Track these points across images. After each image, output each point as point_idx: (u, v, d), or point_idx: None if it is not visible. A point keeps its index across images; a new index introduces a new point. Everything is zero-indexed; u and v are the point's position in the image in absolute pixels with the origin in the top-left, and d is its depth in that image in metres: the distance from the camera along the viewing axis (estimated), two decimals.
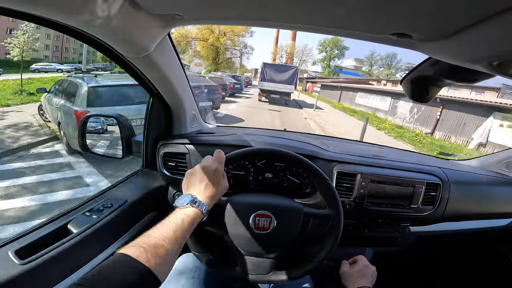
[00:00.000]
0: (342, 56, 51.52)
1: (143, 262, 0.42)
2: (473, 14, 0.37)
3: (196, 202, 0.58)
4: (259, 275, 0.74)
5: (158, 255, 0.44)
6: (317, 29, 0.57)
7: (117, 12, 0.52)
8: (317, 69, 56.77)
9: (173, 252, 0.48)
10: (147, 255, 0.43)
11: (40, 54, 35.54)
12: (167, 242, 0.47)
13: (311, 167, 0.79)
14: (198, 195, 0.61)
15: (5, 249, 0.65)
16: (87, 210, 0.85)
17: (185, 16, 0.58)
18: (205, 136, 1.12)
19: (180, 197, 0.60)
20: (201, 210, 0.58)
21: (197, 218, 0.57)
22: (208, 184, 0.63)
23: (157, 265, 0.43)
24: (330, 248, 0.76)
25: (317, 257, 0.77)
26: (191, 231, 0.55)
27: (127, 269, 0.40)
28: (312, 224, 0.78)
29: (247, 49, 43.40)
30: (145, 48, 0.68)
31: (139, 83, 0.90)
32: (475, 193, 1.14)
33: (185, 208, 0.57)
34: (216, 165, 0.66)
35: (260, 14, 0.54)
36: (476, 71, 0.56)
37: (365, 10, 0.46)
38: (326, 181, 0.78)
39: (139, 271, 0.41)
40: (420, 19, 0.45)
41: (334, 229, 0.77)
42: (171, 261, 0.48)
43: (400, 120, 13.32)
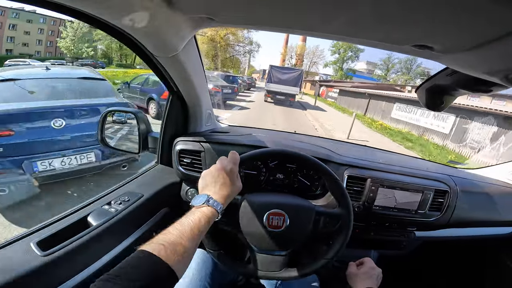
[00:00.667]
0: (356, 59, 48.85)
1: (163, 258, 0.44)
2: (495, 29, 0.39)
3: (212, 201, 0.61)
4: (271, 272, 0.77)
5: (177, 252, 0.46)
6: (342, 38, 0.60)
7: (153, 12, 0.55)
8: (329, 71, 53.87)
9: (190, 249, 0.50)
10: (166, 252, 0.45)
11: (31, 49, 34.73)
12: (185, 240, 0.49)
13: (322, 168, 0.82)
14: (214, 195, 0.63)
15: (27, 240, 0.67)
16: (106, 203, 0.87)
17: (216, 19, 0.61)
18: (220, 135, 1.15)
19: (196, 197, 0.63)
20: (217, 209, 0.61)
21: (212, 217, 0.59)
22: (223, 184, 0.66)
23: (175, 262, 0.45)
24: (340, 246, 0.79)
25: (328, 254, 0.79)
26: (207, 230, 0.57)
27: (149, 265, 0.42)
28: (323, 223, 0.81)
29: (253, 46, 39.86)
30: (174, 48, 0.71)
31: (161, 80, 0.93)
32: (482, 202, 1.16)
33: (202, 207, 0.59)
34: (231, 166, 0.69)
35: (288, 21, 0.57)
36: (491, 82, 0.58)
37: (391, 23, 0.48)
38: (337, 181, 0.81)
39: (160, 268, 0.43)
40: (443, 32, 0.47)
41: (344, 227, 0.80)
42: (188, 258, 0.50)
43: (470, 150, 8.44)
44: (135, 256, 0.44)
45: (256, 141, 1.10)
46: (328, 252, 0.80)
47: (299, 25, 0.57)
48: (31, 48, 34.94)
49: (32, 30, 35.23)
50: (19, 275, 0.57)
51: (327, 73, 53.18)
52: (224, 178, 0.66)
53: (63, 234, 0.71)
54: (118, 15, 0.53)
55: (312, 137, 1.56)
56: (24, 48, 33.20)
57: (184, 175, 1.08)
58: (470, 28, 0.43)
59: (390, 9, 0.42)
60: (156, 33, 0.62)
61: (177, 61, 0.80)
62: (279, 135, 1.46)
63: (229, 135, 1.18)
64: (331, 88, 27.04)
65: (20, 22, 34.04)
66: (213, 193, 0.64)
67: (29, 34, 34.75)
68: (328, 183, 0.83)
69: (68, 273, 0.68)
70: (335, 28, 0.55)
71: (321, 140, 1.45)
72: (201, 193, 0.65)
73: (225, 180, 0.66)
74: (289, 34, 0.71)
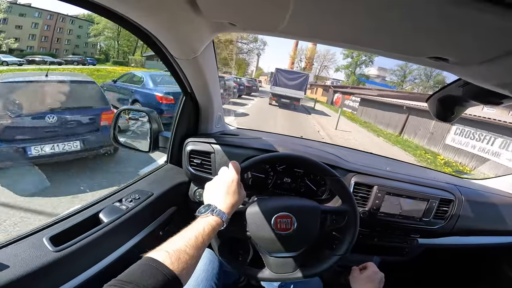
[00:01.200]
0: (370, 64, 43.95)
1: (168, 265, 0.46)
2: (508, 43, 0.41)
3: (216, 211, 0.63)
4: (286, 274, 0.78)
5: (181, 259, 0.48)
6: (361, 48, 0.62)
7: (178, 14, 0.56)
8: (340, 76, 50.16)
9: (194, 257, 0.52)
10: (171, 259, 0.47)
11: (23, 44, 33.34)
12: (189, 248, 0.51)
13: (322, 167, 0.84)
14: (218, 204, 0.66)
15: (39, 235, 0.68)
16: (117, 201, 0.89)
17: (237, 25, 0.63)
18: (229, 138, 1.17)
19: (201, 207, 0.66)
20: (221, 218, 0.63)
21: (217, 226, 0.62)
22: (226, 194, 0.68)
23: (180, 269, 0.47)
24: (350, 240, 0.82)
25: (340, 250, 0.82)
26: (211, 238, 0.60)
27: (154, 272, 0.44)
28: (330, 221, 0.84)
29: (258, 43, 36.79)
30: (194, 51, 0.73)
31: (177, 80, 0.95)
32: (486, 211, 1.17)
33: (206, 217, 0.62)
34: (233, 175, 0.71)
35: (309, 30, 0.59)
36: (502, 94, 0.60)
37: (408, 35, 0.50)
38: (338, 178, 0.83)
39: (165, 274, 0.45)
40: (459, 45, 0.48)
41: (352, 222, 0.83)
42: (193, 265, 0.51)
43: None
44: (142, 262, 0.46)
45: (264, 144, 1.11)
46: (340, 248, 0.82)
47: (319, 34, 0.59)
48: (22, 43, 33.36)
49: (25, 24, 33.63)
50: (32, 270, 0.58)
51: (337, 78, 49.98)
52: (227, 188, 0.69)
53: (75, 230, 0.73)
54: (145, 15, 0.55)
55: (320, 143, 1.57)
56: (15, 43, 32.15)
57: (193, 175, 1.09)
58: (486, 41, 0.44)
59: (407, 22, 0.44)
60: (179, 35, 0.64)
61: (195, 63, 0.82)
62: (287, 139, 1.48)
63: (239, 137, 1.20)
64: (348, 95, 21.40)
65: (12, 16, 32.56)
66: (218, 203, 0.66)
67: (21, 28, 33.18)
68: (329, 182, 0.85)
69: (79, 269, 0.69)
70: (353, 38, 0.56)
71: (329, 146, 1.46)
72: (206, 204, 0.67)
73: (228, 190, 0.69)
74: (309, 42, 0.74)
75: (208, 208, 0.64)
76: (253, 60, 41.89)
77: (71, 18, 38.81)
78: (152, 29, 0.63)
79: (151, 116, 1.11)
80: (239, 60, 36.04)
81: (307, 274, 0.78)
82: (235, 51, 32.69)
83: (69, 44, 39.31)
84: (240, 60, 36.12)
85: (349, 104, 20.58)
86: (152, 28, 0.63)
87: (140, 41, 0.69)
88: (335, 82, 43.64)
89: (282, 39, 23.56)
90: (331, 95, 23.07)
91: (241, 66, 38.31)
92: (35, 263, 0.60)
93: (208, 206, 0.65)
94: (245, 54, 36.67)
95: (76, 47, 39.05)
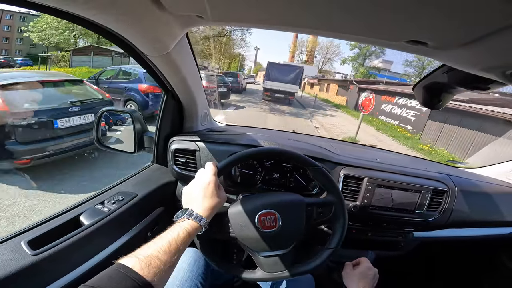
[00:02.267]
0: (382, 54, 37.89)
1: (138, 271, 0.45)
2: (488, 25, 0.38)
3: (193, 215, 0.62)
4: (279, 272, 0.75)
5: (151, 264, 0.48)
6: (333, 35, 0.59)
7: (141, 11, 0.54)
8: (346, 69, 44.99)
9: (167, 262, 0.51)
10: (141, 265, 0.47)
11: None
12: (161, 253, 0.51)
13: (301, 158, 0.80)
14: (196, 208, 0.64)
15: (17, 240, 0.66)
16: (98, 203, 0.87)
17: (205, 17, 0.60)
18: (215, 134, 1.14)
19: (179, 212, 0.64)
20: (199, 222, 0.61)
21: (193, 230, 0.60)
22: (204, 196, 0.66)
23: (151, 275, 0.46)
24: (341, 232, 0.79)
25: (332, 243, 0.79)
26: (188, 243, 0.58)
27: (123, 277, 0.44)
28: (317, 213, 0.81)
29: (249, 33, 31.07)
30: (165, 47, 0.70)
31: (155, 79, 0.92)
32: (481, 202, 1.14)
33: (182, 222, 0.60)
34: (209, 177, 0.69)
35: (281, 18, 0.56)
36: (489, 79, 0.56)
37: (381, 18, 0.47)
38: (319, 168, 0.80)
39: (134, 280, 0.44)
40: (436, 28, 0.45)
41: (339, 212, 0.79)
42: (166, 271, 0.50)
43: None
44: (112, 268, 0.46)
45: (250, 140, 1.09)
46: (331, 241, 0.79)
47: (289, 22, 0.56)
48: None
49: None
50: (9, 274, 0.57)
51: (341, 72, 42.87)
52: (204, 191, 0.67)
53: (55, 233, 0.71)
54: (105, 15, 0.52)
55: (309, 137, 1.54)
56: None
57: (179, 174, 1.07)
58: (464, 23, 0.41)
59: (382, 4, 0.41)
60: (145, 32, 0.61)
61: (170, 60, 0.79)
62: (275, 134, 1.45)
63: (225, 134, 1.17)
64: (389, 97, 12.84)
65: None
66: (195, 206, 0.65)
67: None
68: (311, 173, 0.81)
69: (58, 273, 0.67)
70: (325, 24, 0.53)
71: (318, 139, 1.44)
72: (184, 208, 0.65)
73: (205, 193, 0.67)
74: (280, 31, 0.70)
75: (185, 212, 0.62)
76: (249, 54, 40.11)
77: (22, 15, 32.74)
78: (117, 29, 0.60)
79: (134, 116, 1.09)
80: (228, 53, 31.17)
81: (300, 271, 0.76)
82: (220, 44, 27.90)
83: (22, 44, 33.79)
84: (230, 53, 31.64)
85: (394, 111, 12.36)
86: (117, 28, 0.60)
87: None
88: (342, 76, 36.58)
89: (281, 32, 22.04)
90: (353, 94, 15.45)
91: (235, 60, 34.94)
92: (12, 266, 0.59)
93: (185, 210, 0.63)
94: (239, 47, 32.46)
95: (32, 47, 33.03)
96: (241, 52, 35.47)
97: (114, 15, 0.53)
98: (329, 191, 0.81)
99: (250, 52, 39.05)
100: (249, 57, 41.92)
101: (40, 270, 0.63)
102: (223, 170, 0.78)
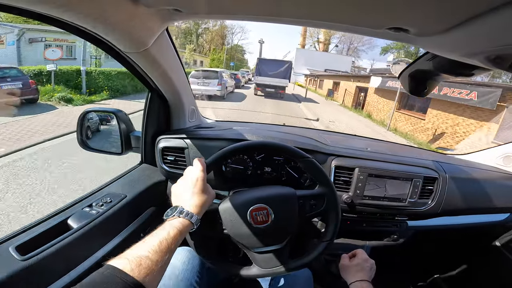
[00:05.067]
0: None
1: (128, 272, 0.45)
2: (469, 9, 0.37)
3: (184, 212, 0.61)
4: (275, 268, 0.75)
5: (142, 265, 0.47)
6: (314, 24, 0.57)
7: (114, 7, 0.52)
8: (380, 63, 31.34)
9: (158, 262, 0.50)
10: (131, 266, 0.46)
11: None
12: (152, 253, 0.50)
13: (291, 150, 0.79)
14: (186, 205, 0.63)
15: (5, 246, 0.65)
16: (86, 206, 0.85)
17: (184, 11, 0.58)
18: (204, 131, 1.13)
19: (168, 210, 0.63)
20: (190, 219, 0.60)
21: (184, 228, 0.59)
22: (194, 193, 0.65)
23: (142, 275, 0.45)
24: (335, 225, 0.78)
25: (326, 236, 0.78)
26: (179, 241, 0.57)
27: (112, 279, 0.43)
28: (309, 206, 0.80)
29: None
30: (143, 43, 0.68)
31: (137, 77, 0.90)
32: (472, 188, 1.15)
33: (172, 220, 0.59)
34: (198, 173, 0.68)
35: (260, 8, 0.54)
36: (473, 65, 0.56)
37: (362, 4, 0.46)
38: (310, 159, 0.79)
39: (124, 281, 0.43)
40: (416, 14, 0.45)
41: (332, 205, 0.79)
42: (157, 271, 0.50)
43: None
44: (102, 270, 0.45)
45: (239, 134, 1.08)
46: (326, 234, 0.79)
47: (266, 11, 0.54)
48: None
49: None
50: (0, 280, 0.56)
51: (376, 67, 30.53)
52: (193, 187, 0.66)
53: (43, 238, 0.70)
54: (75, 12, 0.50)
55: (300, 129, 1.53)
56: None
57: (169, 173, 1.06)
58: (443, 8, 0.41)
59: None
60: (120, 28, 0.59)
61: (149, 56, 0.76)
62: (264, 127, 1.43)
63: (214, 130, 1.16)
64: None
65: None
66: (185, 204, 0.63)
67: None
68: (302, 165, 0.80)
69: (50, 277, 0.66)
70: (304, 12, 0.52)
71: (308, 131, 1.43)
72: (174, 206, 0.64)
73: (194, 189, 0.66)
74: (257, 22, 0.69)
75: (175, 210, 0.61)
76: (246, 43, 37.30)
77: None
78: (93, 28, 0.58)
79: (119, 116, 1.06)
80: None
81: (296, 265, 0.76)
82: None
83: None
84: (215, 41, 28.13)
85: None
86: (89, 25, 0.57)
87: None
88: (367, 71, 25.66)
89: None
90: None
91: (216, 50, 30.70)
92: (2, 273, 0.57)
93: (175, 208, 0.62)
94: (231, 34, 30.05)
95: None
96: (234, 40, 32.19)
97: (85, 12, 0.50)
98: (320, 182, 0.80)
99: (254, 44, 36.54)
100: (249, 49, 38.74)
101: (31, 275, 0.62)
102: (212, 166, 0.77)
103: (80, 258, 0.75)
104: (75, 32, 0.58)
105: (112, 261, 0.47)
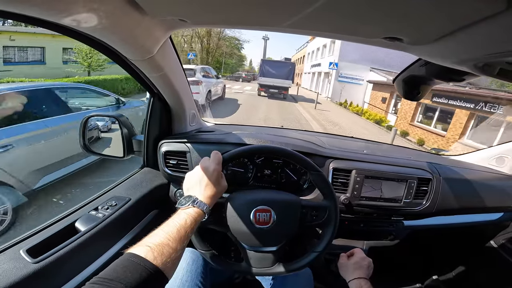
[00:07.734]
0: None
1: (151, 260, 0.45)
2: (458, 20, 0.40)
3: (197, 202, 0.62)
4: (264, 268, 0.78)
5: (164, 253, 0.47)
6: (313, 33, 0.60)
7: (122, 18, 0.54)
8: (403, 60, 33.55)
9: (177, 250, 0.51)
10: (153, 253, 0.46)
11: None
12: (172, 241, 0.50)
13: (304, 161, 0.82)
14: (199, 195, 0.64)
15: (16, 248, 0.66)
16: (92, 209, 0.87)
17: (188, 21, 0.60)
18: (205, 135, 1.14)
19: (182, 198, 0.64)
20: (202, 209, 0.62)
21: (198, 217, 0.60)
22: (207, 184, 0.67)
23: (163, 263, 0.46)
24: (329, 237, 0.81)
25: (318, 247, 0.81)
26: (194, 230, 0.58)
27: (137, 267, 0.43)
28: (310, 216, 0.82)
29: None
30: (149, 51, 0.70)
31: (140, 83, 0.92)
32: (466, 188, 1.18)
33: (187, 209, 0.60)
34: (214, 166, 0.69)
35: (261, 18, 0.57)
36: (462, 71, 0.60)
37: (360, 16, 0.49)
38: (320, 173, 0.82)
39: (148, 269, 0.44)
40: (410, 24, 0.48)
41: (332, 219, 0.82)
42: (176, 259, 0.50)
43: None
44: (124, 258, 0.45)
45: (240, 138, 1.10)
46: (319, 244, 0.81)
47: (268, 21, 0.57)
48: None
49: None
50: (12, 283, 0.57)
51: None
52: (208, 179, 0.67)
53: (52, 240, 0.71)
54: (84, 22, 0.52)
55: (298, 131, 1.56)
56: None
57: (171, 176, 1.07)
58: (434, 19, 0.43)
59: (358, 3, 0.43)
60: (127, 38, 0.61)
61: (154, 63, 0.79)
62: (264, 131, 1.46)
63: (215, 134, 1.18)
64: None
65: None
66: (198, 194, 0.65)
67: None
68: (312, 176, 0.84)
69: (61, 279, 0.68)
70: (306, 23, 0.55)
71: (307, 134, 1.46)
72: (186, 195, 0.65)
73: (209, 181, 0.67)
74: (258, 30, 0.72)
75: (189, 200, 0.62)
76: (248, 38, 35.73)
77: None
78: (98, 35, 0.60)
79: (121, 121, 1.08)
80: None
81: (285, 270, 0.78)
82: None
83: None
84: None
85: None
86: (98, 34, 0.59)
87: None
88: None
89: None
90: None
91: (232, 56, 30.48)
92: (15, 275, 0.59)
93: (189, 197, 0.63)
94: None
95: None
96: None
97: (92, 22, 0.52)
98: (326, 196, 0.83)
99: (257, 41, 34.49)
100: (249, 46, 36.49)
101: (42, 278, 0.63)
102: (229, 161, 0.79)
103: (89, 260, 0.76)
104: (85, 41, 0.61)
105: (133, 249, 0.47)
